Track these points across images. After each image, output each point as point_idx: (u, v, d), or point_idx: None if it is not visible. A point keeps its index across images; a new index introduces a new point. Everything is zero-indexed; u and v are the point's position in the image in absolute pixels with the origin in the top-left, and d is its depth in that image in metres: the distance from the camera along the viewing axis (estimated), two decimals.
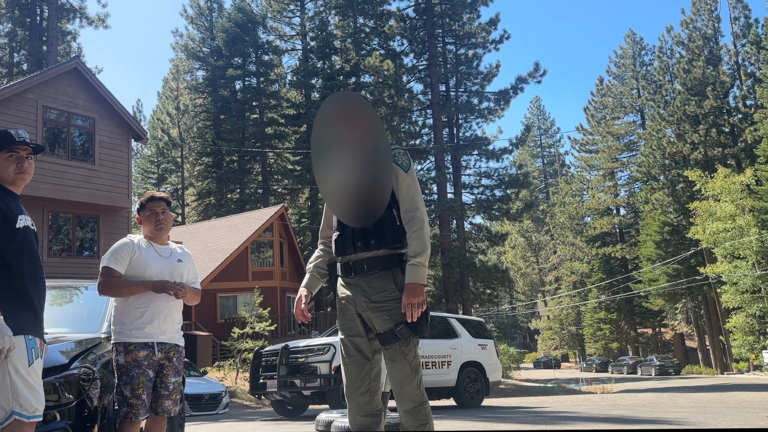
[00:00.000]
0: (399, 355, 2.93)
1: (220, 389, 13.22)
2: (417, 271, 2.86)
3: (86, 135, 18.36)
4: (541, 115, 78.05)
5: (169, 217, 3.68)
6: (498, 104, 32.53)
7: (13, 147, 2.72)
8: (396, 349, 2.93)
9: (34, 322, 2.60)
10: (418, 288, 2.84)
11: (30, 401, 2.49)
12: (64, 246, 18.01)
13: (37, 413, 2.52)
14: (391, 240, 2.97)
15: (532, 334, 73.93)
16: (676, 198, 44.26)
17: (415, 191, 3.00)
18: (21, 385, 2.47)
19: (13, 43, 37.21)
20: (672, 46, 50.20)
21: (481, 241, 33.01)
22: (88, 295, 4.73)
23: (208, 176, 43.24)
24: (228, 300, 25.58)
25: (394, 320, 2.91)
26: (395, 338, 2.90)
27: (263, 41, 42.33)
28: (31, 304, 2.61)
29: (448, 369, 11.28)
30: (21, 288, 2.57)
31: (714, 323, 43.05)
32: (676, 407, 10.49)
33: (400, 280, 2.96)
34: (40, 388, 2.57)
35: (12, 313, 2.47)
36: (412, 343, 2.96)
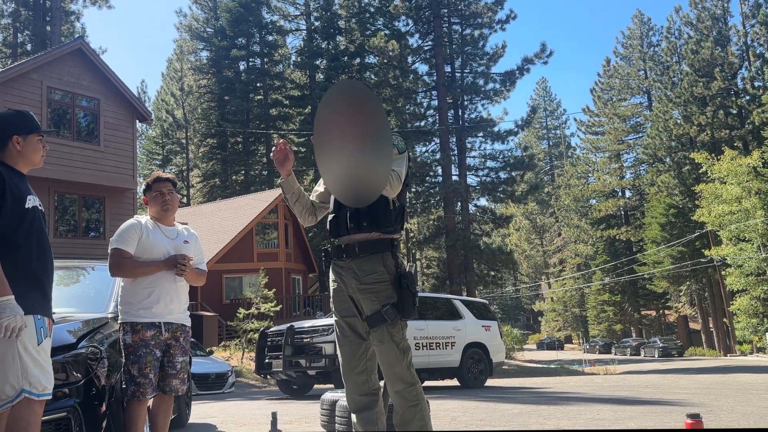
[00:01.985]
0: (386, 337, 2.99)
1: (226, 369, 13.35)
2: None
3: (91, 116, 18.35)
4: (547, 97, 77.59)
5: (175, 198, 3.70)
6: (504, 85, 32.29)
7: (42, 131, 2.79)
8: (383, 330, 2.98)
9: (42, 302, 2.63)
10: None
11: (39, 380, 2.52)
12: (70, 227, 18.10)
13: (46, 391, 2.55)
14: (384, 224, 3.04)
15: (535, 315, 74.19)
16: (682, 180, 44.06)
17: (403, 165, 3.11)
18: (30, 363, 2.51)
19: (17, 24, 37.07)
20: (680, 26, 49.64)
21: (486, 224, 32.98)
22: (95, 275, 4.77)
23: (212, 158, 43.21)
24: (233, 281, 25.70)
25: (381, 302, 2.97)
26: (382, 319, 2.96)
27: (267, 21, 42.03)
28: (40, 284, 2.64)
29: (451, 350, 11.35)
30: (29, 268, 2.60)
31: (718, 305, 43.09)
32: (679, 388, 10.55)
33: (390, 264, 3.03)
34: (50, 367, 2.60)
35: (21, 293, 2.50)
36: (399, 324, 3.01)
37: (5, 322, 2.43)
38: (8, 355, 2.49)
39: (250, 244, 26.25)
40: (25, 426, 2.48)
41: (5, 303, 2.45)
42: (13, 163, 2.72)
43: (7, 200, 2.58)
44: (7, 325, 2.43)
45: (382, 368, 3.05)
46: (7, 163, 2.71)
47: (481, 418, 6.15)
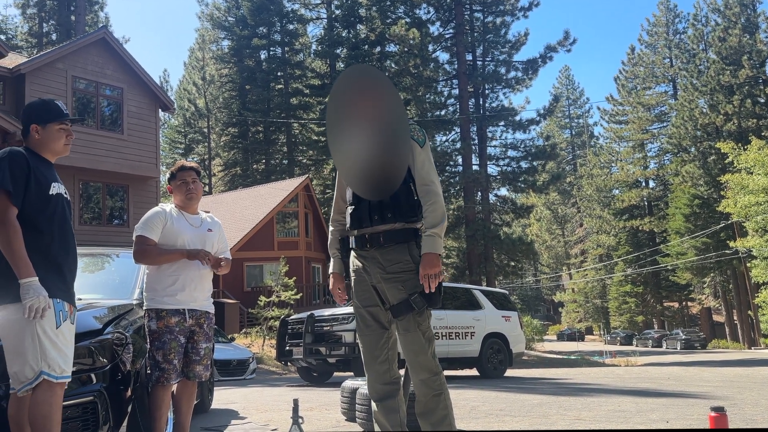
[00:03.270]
0: (413, 325, 2.97)
1: (248, 355, 13.48)
2: (434, 242, 2.89)
3: (115, 105, 18.55)
4: (570, 85, 76.60)
5: (199, 187, 3.73)
6: (526, 74, 31.95)
7: (64, 120, 2.82)
8: (410, 319, 2.96)
9: (62, 286, 2.67)
10: (435, 259, 2.86)
11: (58, 362, 2.57)
12: (94, 214, 18.37)
13: (64, 374, 2.60)
14: (408, 214, 2.99)
15: (556, 306, 73.75)
16: (707, 170, 43.34)
17: (430, 166, 3.02)
18: (49, 346, 2.56)
19: (42, 13, 37.54)
20: (707, 13, 48.66)
21: (506, 214, 32.78)
22: (120, 262, 4.83)
23: (234, 147, 43.48)
24: (254, 269, 25.91)
25: (409, 290, 2.94)
26: (410, 308, 2.93)
27: (288, 10, 42.02)
28: (60, 270, 2.68)
29: (471, 340, 11.34)
30: (50, 254, 2.65)
31: (743, 298, 42.46)
32: (702, 381, 10.44)
33: (415, 253, 2.99)
34: (69, 351, 2.65)
35: (41, 276, 2.55)
36: (425, 313, 2.99)
37: (29, 302, 2.48)
38: (27, 338, 2.54)
39: (270, 233, 26.42)
40: (48, 408, 2.53)
41: (29, 284, 2.50)
42: (39, 150, 2.78)
43: (31, 186, 2.64)
44: (30, 305, 2.48)
45: (406, 357, 3.03)
46: (35, 151, 2.76)
47: (500, 408, 6.15)
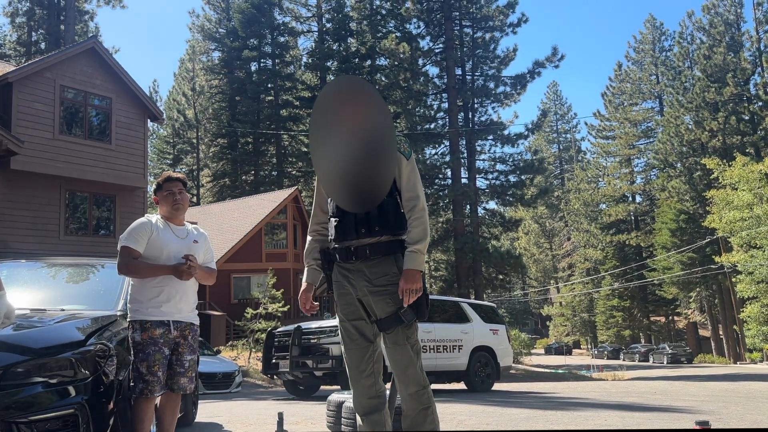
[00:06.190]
0: (402, 339, 2.93)
1: (233, 368, 13.39)
2: (415, 258, 2.86)
3: (103, 115, 18.47)
4: (557, 101, 77.31)
5: (185, 198, 3.71)
6: (514, 89, 32.23)
7: None
8: (399, 332, 2.92)
9: None
10: (417, 275, 2.84)
11: None
12: (80, 224, 18.20)
13: None
14: (395, 226, 2.94)
15: (544, 320, 73.86)
16: (692, 186, 43.79)
17: (416, 179, 2.99)
18: None
19: (32, 22, 37.40)
20: (693, 31, 49.39)
21: (495, 227, 32.91)
22: (105, 273, 4.78)
23: (223, 157, 43.38)
24: (242, 281, 25.78)
25: (397, 303, 2.89)
26: (399, 321, 2.88)
27: (279, 22, 42.18)
28: None
29: (459, 353, 11.32)
30: None
31: (728, 312, 42.75)
32: (688, 395, 10.47)
33: (402, 265, 2.93)
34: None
35: None
36: (413, 326, 2.96)
37: None
38: None
39: (258, 245, 26.32)
40: None
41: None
42: None
43: None
44: None
45: (394, 371, 2.98)
46: None
47: (487, 422, 6.13)
